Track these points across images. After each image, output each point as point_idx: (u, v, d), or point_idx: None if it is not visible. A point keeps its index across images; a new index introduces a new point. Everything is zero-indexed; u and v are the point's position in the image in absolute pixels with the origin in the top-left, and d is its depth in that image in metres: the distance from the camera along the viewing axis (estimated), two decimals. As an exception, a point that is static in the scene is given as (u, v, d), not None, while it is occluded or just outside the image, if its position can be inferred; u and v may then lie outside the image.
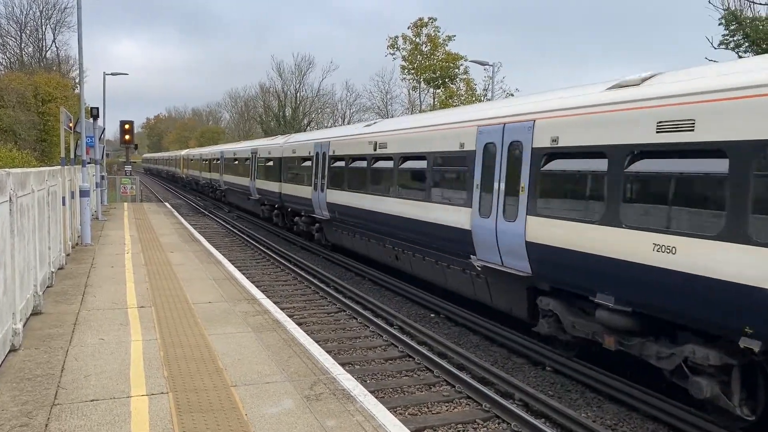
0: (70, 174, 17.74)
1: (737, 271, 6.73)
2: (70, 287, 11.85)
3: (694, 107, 7.45)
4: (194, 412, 6.15)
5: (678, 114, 7.61)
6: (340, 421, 6.05)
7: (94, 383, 6.84)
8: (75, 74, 50.74)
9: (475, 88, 51.00)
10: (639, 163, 8.20)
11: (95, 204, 25.98)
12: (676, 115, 7.65)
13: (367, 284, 16.86)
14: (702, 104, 7.36)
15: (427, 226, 13.57)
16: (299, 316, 12.88)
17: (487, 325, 11.96)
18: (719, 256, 6.95)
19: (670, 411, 7.99)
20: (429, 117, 15.94)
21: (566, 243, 9.29)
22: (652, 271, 7.74)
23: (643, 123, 8.09)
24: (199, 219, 33.05)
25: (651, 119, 7.97)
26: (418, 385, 9.31)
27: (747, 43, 24.65)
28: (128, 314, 9.87)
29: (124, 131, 30.92)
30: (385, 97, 66.34)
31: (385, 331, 11.91)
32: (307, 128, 69.94)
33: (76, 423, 5.84)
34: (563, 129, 9.65)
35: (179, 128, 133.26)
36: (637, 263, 7.96)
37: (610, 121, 8.69)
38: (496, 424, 7.97)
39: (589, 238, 8.84)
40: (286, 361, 7.76)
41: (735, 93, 6.97)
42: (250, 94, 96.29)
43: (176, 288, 11.94)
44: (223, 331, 9.05)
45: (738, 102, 6.93)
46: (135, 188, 39.03)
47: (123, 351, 7.97)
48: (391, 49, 55.68)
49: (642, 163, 8.16)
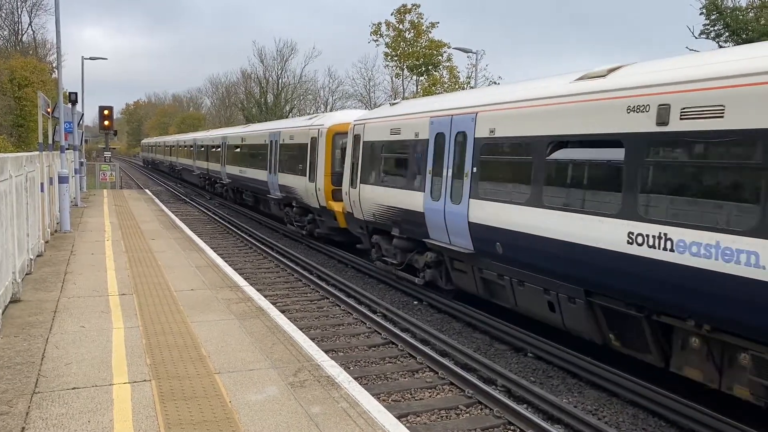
0: (49, 160, 17.48)
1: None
2: (50, 274, 11.70)
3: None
4: (177, 399, 6.12)
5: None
6: (324, 407, 6.06)
7: (76, 371, 6.77)
8: (52, 58, 49.90)
9: (458, 76, 51.01)
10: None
11: (74, 190, 25.64)
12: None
13: (350, 272, 16.86)
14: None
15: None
16: (282, 304, 12.85)
17: (470, 312, 12.03)
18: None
19: (649, 396, 8.11)
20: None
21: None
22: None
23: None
24: (181, 206, 32.77)
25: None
26: (401, 372, 9.35)
27: (727, 32, 24.89)
28: (109, 301, 9.78)
29: (104, 116, 30.52)
30: (368, 84, 66.06)
31: (369, 318, 11.94)
32: (289, 115, 69.44)
33: (58, 411, 5.79)
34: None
35: (159, 114, 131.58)
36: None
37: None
38: (478, 410, 8.04)
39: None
40: (270, 348, 7.75)
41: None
42: (232, 80, 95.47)
43: (158, 275, 11.85)
44: (205, 318, 9.01)
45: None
46: (115, 175, 38.55)
47: (104, 338, 7.90)
48: (374, 35, 55.43)
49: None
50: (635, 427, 7.69)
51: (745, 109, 6.63)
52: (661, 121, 7.54)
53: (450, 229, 11.89)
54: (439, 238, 12.41)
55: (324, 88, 77.82)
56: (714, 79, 7.01)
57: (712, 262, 6.83)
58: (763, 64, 6.60)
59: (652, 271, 7.56)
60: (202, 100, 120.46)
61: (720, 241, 6.76)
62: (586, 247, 8.49)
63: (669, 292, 7.48)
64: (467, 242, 11.35)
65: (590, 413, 7.97)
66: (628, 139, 7.98)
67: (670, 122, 7.44)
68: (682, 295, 7.35)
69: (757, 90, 6.50)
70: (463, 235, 11.43)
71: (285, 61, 76.50)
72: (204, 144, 40.47)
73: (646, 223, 7.64)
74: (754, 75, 6.59)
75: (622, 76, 8.59)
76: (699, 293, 7.10)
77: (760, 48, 7.22)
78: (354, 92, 68.28)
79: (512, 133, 10.32)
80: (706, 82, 7.09)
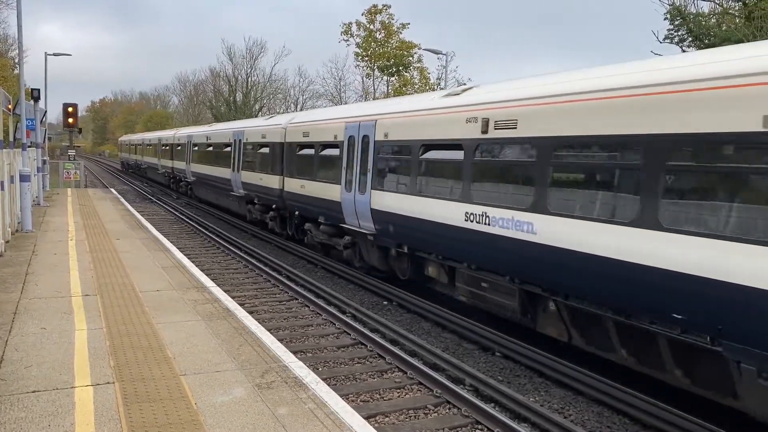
0: (9, 158, 17.03)
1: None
2: (10, 275, 11.40)
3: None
4: (142, 401, 6.01)
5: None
6: (291, 408, 6.01)
7: (36, 374, 6.60)
8: (14, 54, 48.60)
9: (428, 77, 51.19)
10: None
11: (37, 189, 25.05)
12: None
13: (320, 272, 16.79)
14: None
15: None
16: (250, 305, 12.73)
17: (439, 311, 12.08)
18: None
19: (613, 394, 8.23)
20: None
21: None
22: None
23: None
24: (147, 206, 32.26)
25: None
26: (370, 372, 9.33)
27: (690, 38, 25.43)
28: (72, 303, 9.56)
29: (68, 114, 29.92)
30: (339, 83, 65.83)
31: (338, 318, 11.90)
32: (258, 114, 68.84)
33: (17, 415, 5.63)
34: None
35: (125, 112, 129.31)
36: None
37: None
38: (446, 410, 8.07)
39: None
40: (237, 350, 7.66)
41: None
42: (200, 78, 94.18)
43: (123, 276, 11.63)
44: (171, 319, 8.87)
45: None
46: (79, 173, 37.77)
47: (66, 340, 7.72)
48: (345, 35, 55.33)
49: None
50: (600, 425, 7.80)
51: (531, 123, 9.30)
52: (484, 130, 10.23)
53: (359, 215, 14.48)
54: (352, 223, 14.99)
55: (294, 87, 77.36)
56: (512, 101, 9.84)
57: (511, 231, 9.55)
58: (543, 90, 9.33)
59: (480, 240, 10.23)
60: (170, 98, 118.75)
61: (514, 216, 9.46)
62: (444, 225, 11.16)
63: (487, 256, 10.40)
64: (371, 225, 13.75)
65: (556, 412, 8.06)
66: (465, 143, 10.66)
67: (489, 131, 10.14)
68: (496, 257, 10.15)
69: (537, 109, 9.22)
70: (368, 219, 13.93)
71: (255, 60, 75.91)
72: (168, 143, 41.31)
73: (474, 204, 10.39)
74: (536, 98, 9.32)
75: (468, 95, 11.31)
76: (507, 254, 9.82)
77: (552, 77, 9.70)
78: (325, 92, 67.98)
79: (399, 137, 13.00)
80: (507, 102, 9.91)
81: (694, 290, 6.80)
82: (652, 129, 7.37)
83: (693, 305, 6.92)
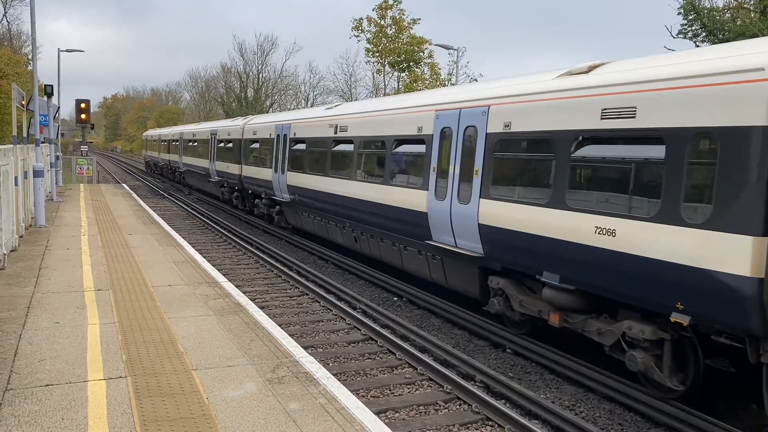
0: (23, 153, 17.17)
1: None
2: (24, 270, 11.51)
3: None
4: (154, 396, 6.05)
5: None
6: (302, 403, 6.03)
7: (49, 368, 6.67)
8: (28, 50, 48.99)
9: (439, 73, 50.98)
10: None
11: (50, 185, 25.24)
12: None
13: (330, 268, 16.82)
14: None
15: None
16: (261, 300, 12.78)
17: (449, 308, 12.06)
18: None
19: (625, 391, 8.20)
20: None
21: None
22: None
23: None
24: (158, 201, 32.43)
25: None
26: (380, 368, 9.34)
27: (704, 33, 25.15)
28: (85, 297, 9.64)
29: (80, 110, 30.09)
30: (350, 79, 65.80)
31: (348, 314, 11.91)
32: (269, 110, 68.96)
33: (31, 408, 5.69)
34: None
35: (137, 108, 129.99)
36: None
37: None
38: (457, 406, 8.06)
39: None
40: (248, 345, 7.69)
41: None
42: (212, 74, 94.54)
43: (135, 271, 11.71)
44: (183, 314, 8.92)
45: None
46: (92, 169, 38.02)
47: (79, 335, 7.79)
48: (356, 30, 55.19)
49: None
50: (611, 422, 7.77)
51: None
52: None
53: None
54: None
55: (305, 83, 77.49)
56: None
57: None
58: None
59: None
60: (182, 95, 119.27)
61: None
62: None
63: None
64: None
65: (567, 409, 8.03)
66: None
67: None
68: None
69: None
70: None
71: (266, 56, 76.07)
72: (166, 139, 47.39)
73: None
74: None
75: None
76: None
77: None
78: (335, 87, 68.03)
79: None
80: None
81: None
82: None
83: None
